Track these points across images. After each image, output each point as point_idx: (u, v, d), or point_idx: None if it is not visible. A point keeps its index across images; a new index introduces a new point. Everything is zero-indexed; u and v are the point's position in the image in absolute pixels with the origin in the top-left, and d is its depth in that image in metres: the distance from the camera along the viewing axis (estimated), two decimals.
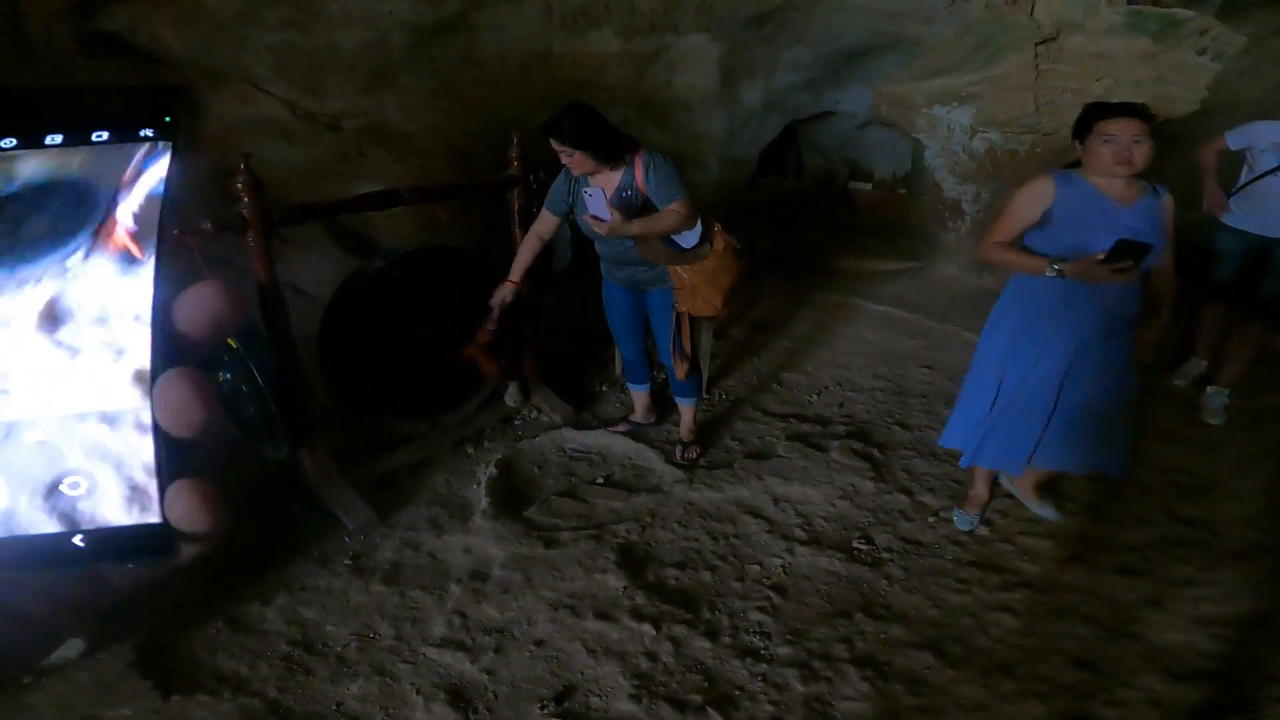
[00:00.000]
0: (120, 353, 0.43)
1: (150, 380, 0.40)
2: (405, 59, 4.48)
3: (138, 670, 2.07)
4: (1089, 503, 2.89)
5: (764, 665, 2.16)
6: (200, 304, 0.42)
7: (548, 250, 3.07)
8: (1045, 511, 2.75)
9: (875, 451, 3.22)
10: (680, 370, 2.97)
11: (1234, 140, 3.47)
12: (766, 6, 4.59)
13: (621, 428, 3.40)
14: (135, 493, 0.40)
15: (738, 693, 2.07)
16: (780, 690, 2.08)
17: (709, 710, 2.01)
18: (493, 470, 3.04)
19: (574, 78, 4.83)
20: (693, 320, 2.92)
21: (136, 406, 0.41)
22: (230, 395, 2.66)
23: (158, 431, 0.40)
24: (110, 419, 0.42)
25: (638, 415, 3.42)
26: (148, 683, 2.04)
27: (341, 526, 2.72)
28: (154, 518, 0.40)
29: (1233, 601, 2.37)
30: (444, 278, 3.11)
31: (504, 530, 2.69)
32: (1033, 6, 4.26)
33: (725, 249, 2.72)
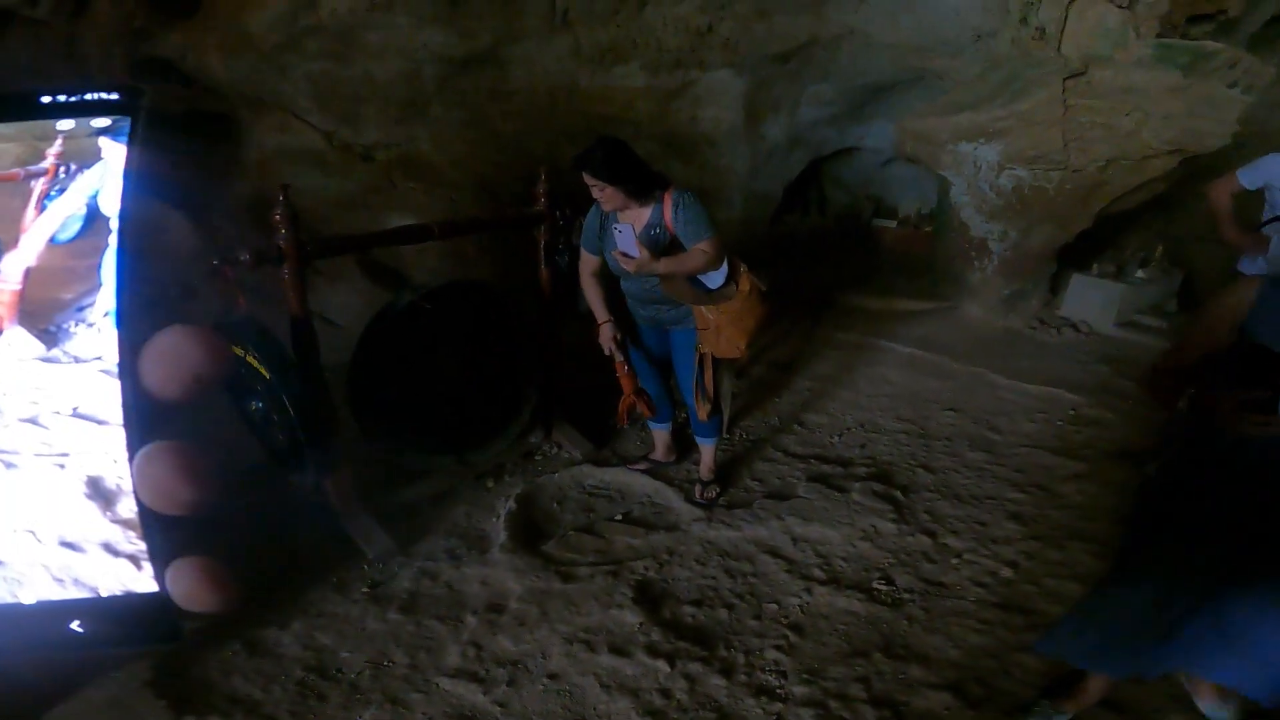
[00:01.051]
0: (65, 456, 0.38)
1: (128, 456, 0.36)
2: (437, 91, 4.60)
3: (152, 690, 2.09)
4: (1117, 545, 2.82)
5: (779, 704, 2.12)
6: (170, 357, 0.36)
7: (573, 286, 3.10)
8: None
9: (897, 493, 3.18)
10: (702, 411, 2.96)
11: (1248, 177, 3.12)
12: (791, 43, 4.65)
13: (641, 466, 3.39)
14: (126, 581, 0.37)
15: None
16: None
17: None
18: (512, 504, 3.04)
19: (601, 112, 4.92)
20: (715, 361, 2.91)
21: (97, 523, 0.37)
22: (262, 423, 2.71)
23: (144, 510, 0.37)
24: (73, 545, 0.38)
25: (658, 454, 3.41)
26: (162, 702, 2.05)
27: (361, 555, 2.74)
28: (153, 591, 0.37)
29: None
30: (472, 312, 3.15)
31: (521, 564, 2.69)
32: (1060, 41, 4.27)
33: (751, 290, 2.72)
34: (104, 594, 0.40)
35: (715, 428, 3.11)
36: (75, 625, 0.39)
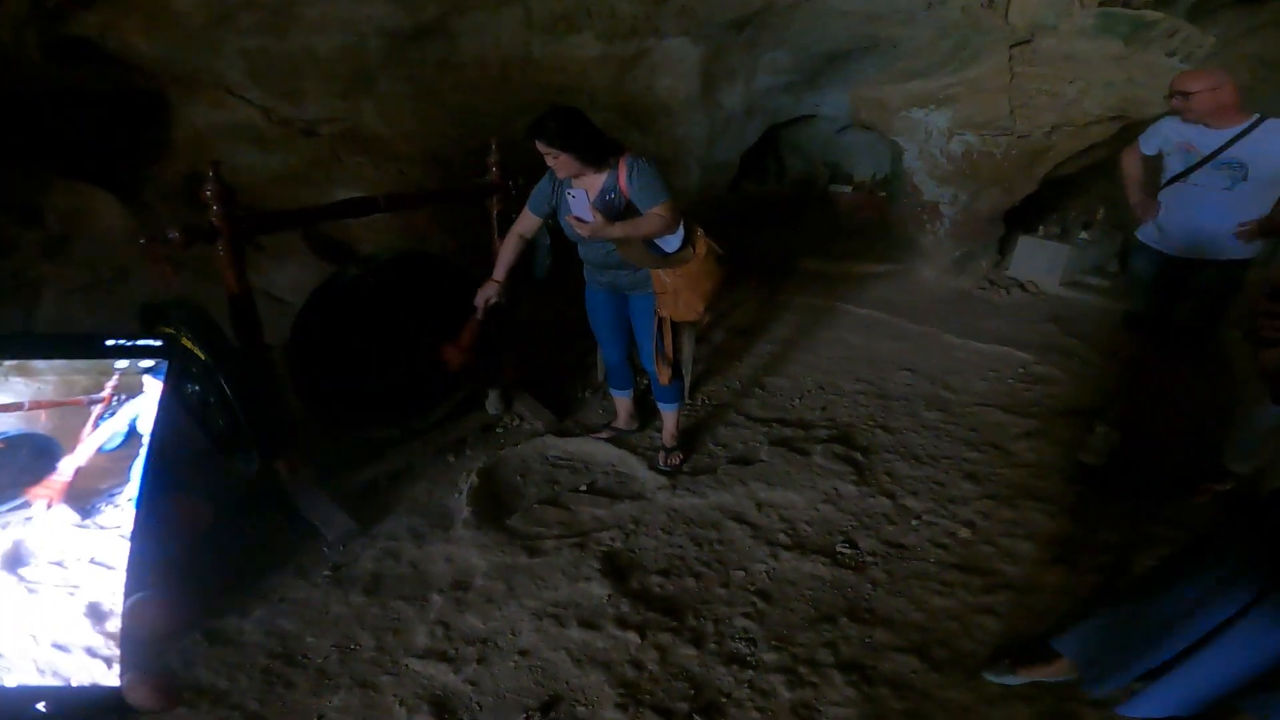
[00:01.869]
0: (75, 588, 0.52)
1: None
2: (383, 64, 4.44)
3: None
4: (1070, 504, 2.91)
5: (750, 672, 2.15)
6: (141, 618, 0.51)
7: (528, 258, 3.05)
8: None
9: (858, 455, 3.23)
10: (663, 375, 2.96)
11: (1146, 143, 3.09)
12: (747, 10, 4.60)
13: (604, 434, 3.38)
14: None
15: (724, 700, 2.06)
16: (767, 697, 2.07)
17: (695, 718, 1.99)
18: (474, 479, 3.01)
19: (555, 82, 4.81)
20: (675, 325, 2.91)
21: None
22: (199, 407, 2.61)
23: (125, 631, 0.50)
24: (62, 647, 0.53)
25: (620, 421, 3.40)
26: None
27: (320, 537, 2.68)
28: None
29: None
30: (420, 284, 3.08)
31: (486, 539, 2.66)
32: (1007, 9, 4.31)
33: (707, 253, 2.71)
34: (73, 684, 0.54)
35: (677, 393, 3.11)
36: (40, 706, 0.49)
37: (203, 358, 2.41)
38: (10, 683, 0.46)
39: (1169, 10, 4.21)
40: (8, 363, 0.58)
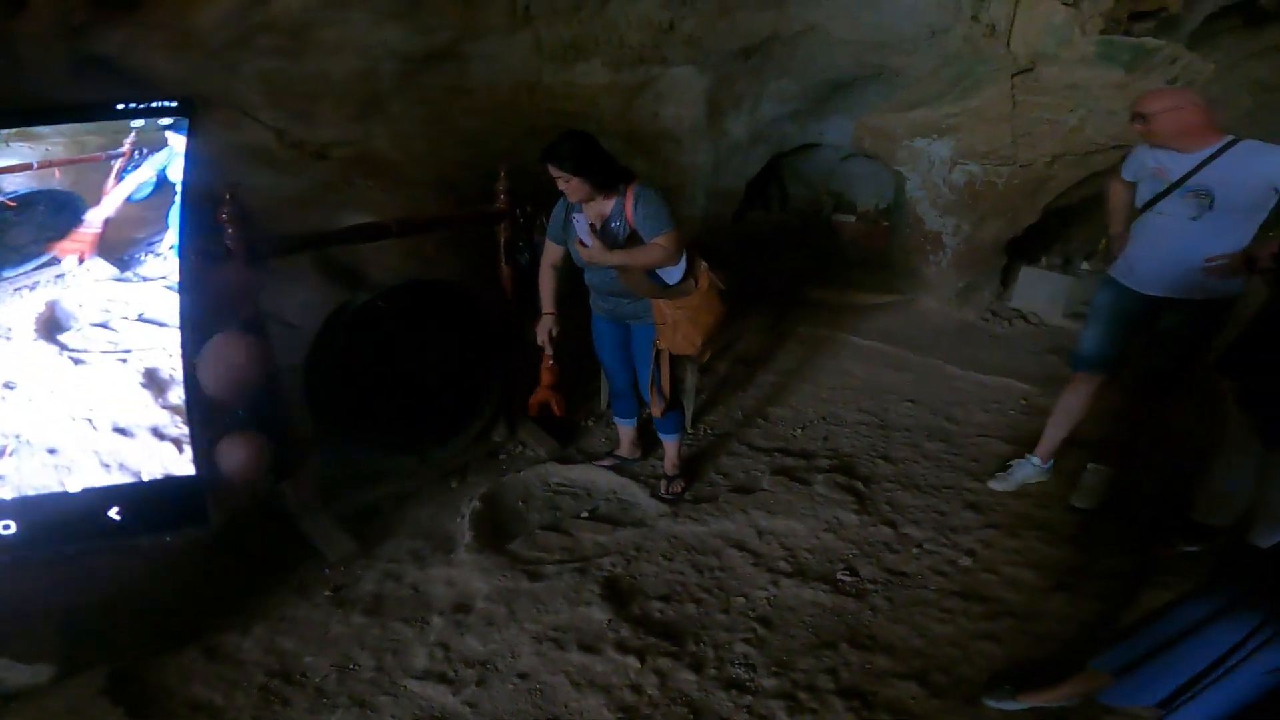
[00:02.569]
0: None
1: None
2: (395, 88, 4.52)
3: (109, 697, 2.04)
4: (1071, 533, 2.91)
5: (749, 697, 2.15)
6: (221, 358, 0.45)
7: (534, 285, 3.09)
8: None
9: (859, 485, 3.24)
10: (656, 408, 2.97)
11: (1126, 170, 2.87)
12: (753, 39, 4.68)
13: (607, 462, 3.39)
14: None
15: None
16: None
17: None
18: (477, 503, 3.02)
19: (563, 109, 4.88)
20: (675, 357, 2.92)
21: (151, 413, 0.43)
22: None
23: (197, 394, 0.43)
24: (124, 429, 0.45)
25: (623, 450, 3.42)
26: (119, 709, 2.00)
27: (322, 558, 2.69)
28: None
29: None
30: (432, 311, 3.11)
31: (487, 563, 2.67)
32: (1009, 38, 4.37)
33: (709, 288, 2.74)
34: (146, 478, 0.47)
35: (676, 423, 3.13)
36: (114, 513, 0.44)
37: None
38: (74, 486, 0.38)
39: (1170, 37, 4.25)
40: (4, 131, 0.51)
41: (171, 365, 0.45)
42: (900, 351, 4.75)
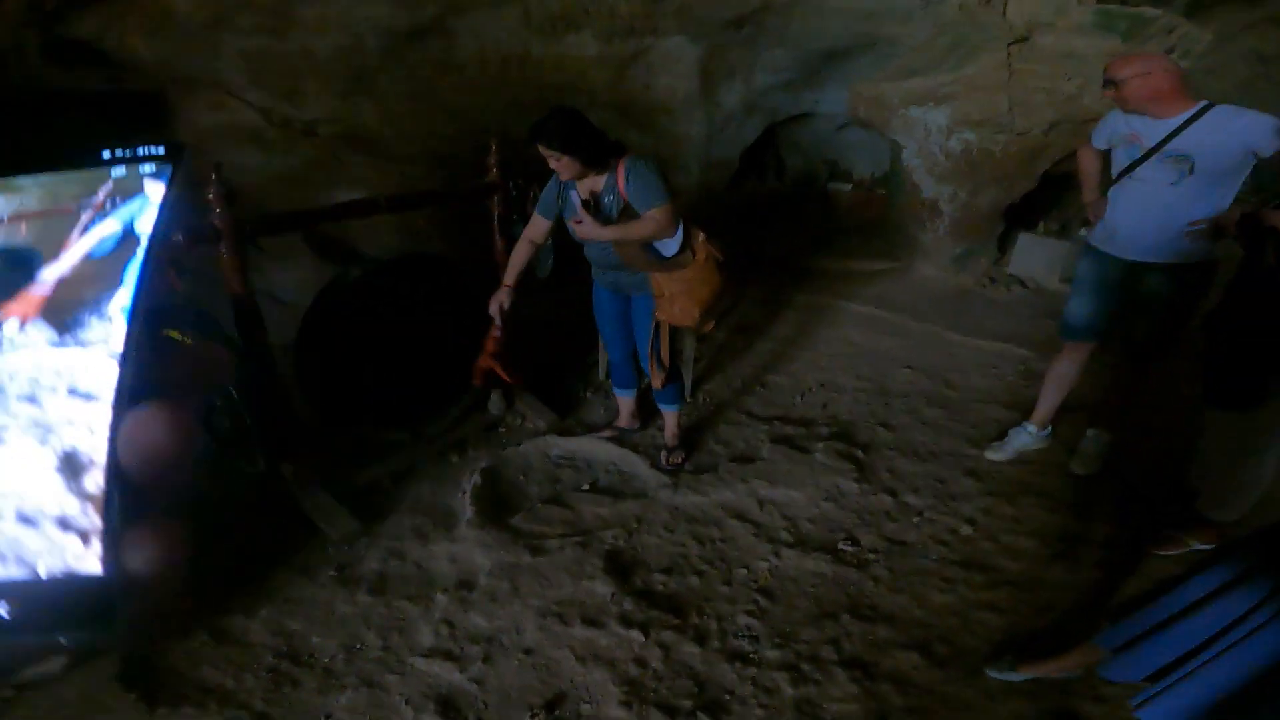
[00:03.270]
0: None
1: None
2: (382, 64, 4.45)
3: (121, 683, 2.04)
4: (1070, 500, 2.93)
5: (753, 669, 2.16)
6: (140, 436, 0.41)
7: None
8: None
9: (859, 452, 3.24)
10: (656, 380, 2.96)
11: (1097, 136, 2.86)
12: (745, 8, 4.60)
13: (607, 433, 3.39)
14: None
15: (728, 697, 2.07)
16: (770, 693, 2.08)
17: (699, 715, 2.01)
18: (477, 478, 3.02)
19: (553, 81, 4.82)
20: (674, 329, 2.91)
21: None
22: (205, 410, 2.63)
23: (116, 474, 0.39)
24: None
25: (623, 420, 3.41)
26: (132, 695, 2.01)
27: (325, 537, 2.70)
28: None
29: None
30: (423, 285, 3.09)
31: (490, 538, 2.68)
32: (1005, 6, 4.32)
33: (706, 260, 2.71)
34: (44, 574, 0.41)
35: (676, 394, 3.12)
36: (2, 610, 0.38)
37: None
38: None
39: (1167, 7, 4.22)
40: None
41: (93, 446, 0.40)
42: (898, 318, 4.75)
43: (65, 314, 0.44)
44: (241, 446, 2.71)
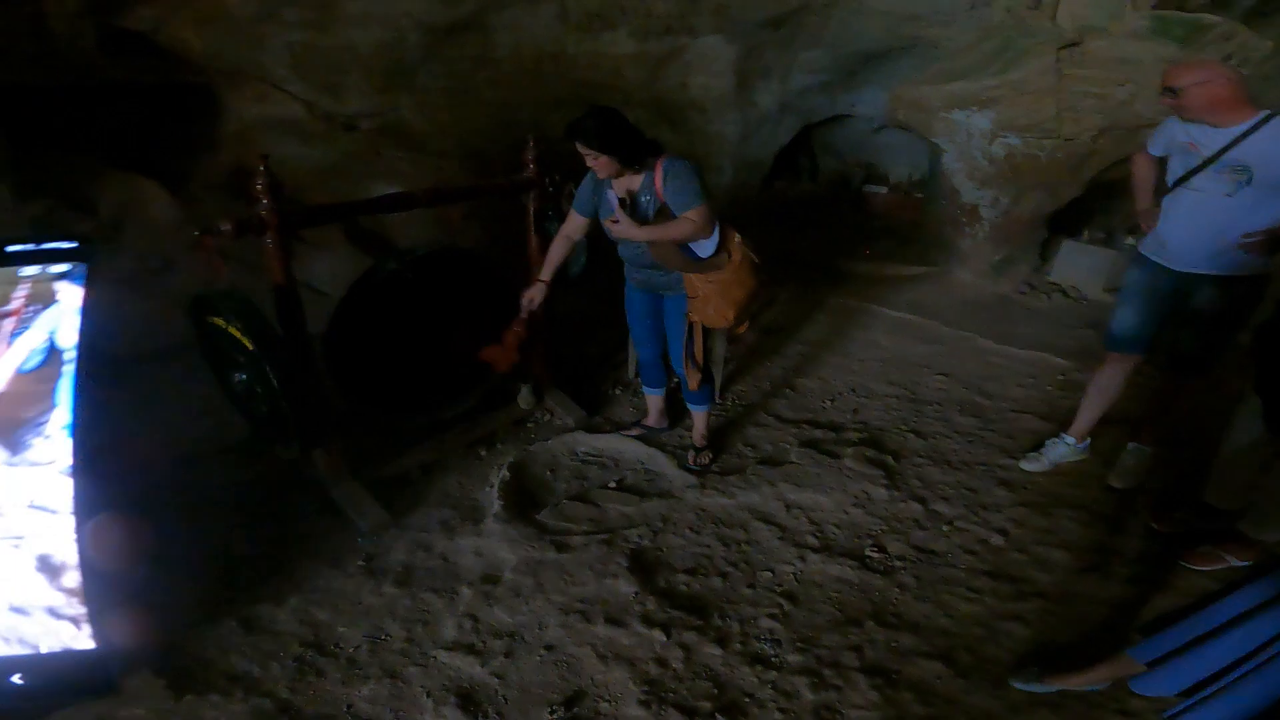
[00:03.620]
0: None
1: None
2: (421, 59, 4.50)
3: (151, 669, 2.07)
4: (1106, 513, 2.86)
5: (774, 673, 2.15)
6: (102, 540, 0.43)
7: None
8: None
9: (889, 459, 3.20)
10: (692, 380, 2.95)
11: (1153, 143, 2.80)
12: (783, 8, 4.57)
13: (634, 432, 3.39)
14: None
15: (747, 700, 2.06)
16: (790, 698, 2.06)
17: (718, 717, 2.00)
18: (505, 473, 3.04)
19: (588, 79, 4.83)
20: (706, 329, 2.89)
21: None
22: (245, 395, 2.68)
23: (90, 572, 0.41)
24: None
25: (651, 419, 3.41)
26: (161, 681, 2.04)
27: (354, 527, 2.73)
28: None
29: None
30: (458, 279, 3.11)
31: (515, 533, 2.69)
32: (1055, 11, 4.22)
33: (742, 262, 2.69)
34: (44, 650, 0.45)
35: (707, 395, 3.11)
36: (16, 679, 0.41)
37: (250, 347, 2.47)
38: None
39: (1226, 13, 4.09)
40: None
41: (66, 553, 0.41)
42: (932, 324, 4.68)
43: (9, 433, 0.45)
44: (279, 432, 2.75)
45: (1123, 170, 4.87)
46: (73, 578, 0.40)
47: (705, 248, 2.66)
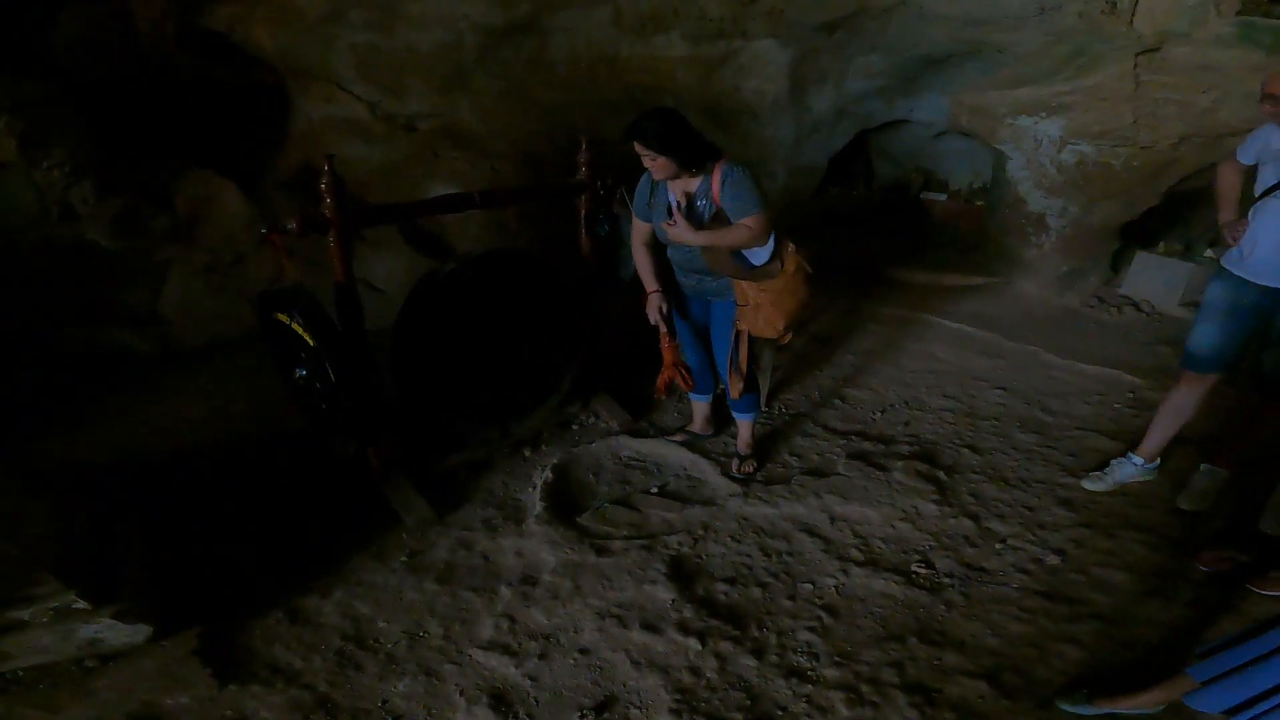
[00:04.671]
0: None
1: None
2: (478, 61, 4.58)
3: (199, 658, 2.14)
4: (1173, 537, 2.71)
5: (809, 686, 2.09)
6: None
7: (614, 256, 3.07)
8: None
9: (941, 474, 3.10)
10: (734, 389, 2.90)
11: (1244, 151, 2.69)
12: (839, 12, 4.49)
13: (679, 437, 3.37)
14: None
15: (780, 713, 2.01)
16: (824, 713, 2.01)
17: None
18: (548, 474, 3.05)
19: (642, 82, 4.84)
20: (751, 338, 2.85)
21: None
22: (304, 390, 2.75)
23: None
24: None
25: (696, 426, 3.38)
26: (207, 671, 2.10)
27: (400, 522, 2.78)
28: None
29: None
30: (515, 281, 3.13)
31: (556, 535, 2.69)
32: (1132, 15, 4.04)
33: (796, 271, 2.64)
34: None
35: (752, 404, 3.06)
36: None
37: (311, 344, 2.54)
38: None
39: None
40: None
41: None
42: (992, 336, 4.53)
43: None
44: (335, 428, 2.82)
45: (1203, 180, 4.66)
46: None
47: (759, 255, 2.62)
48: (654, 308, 2.87)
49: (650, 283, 2.86)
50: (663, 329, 2.90)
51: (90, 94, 4.35)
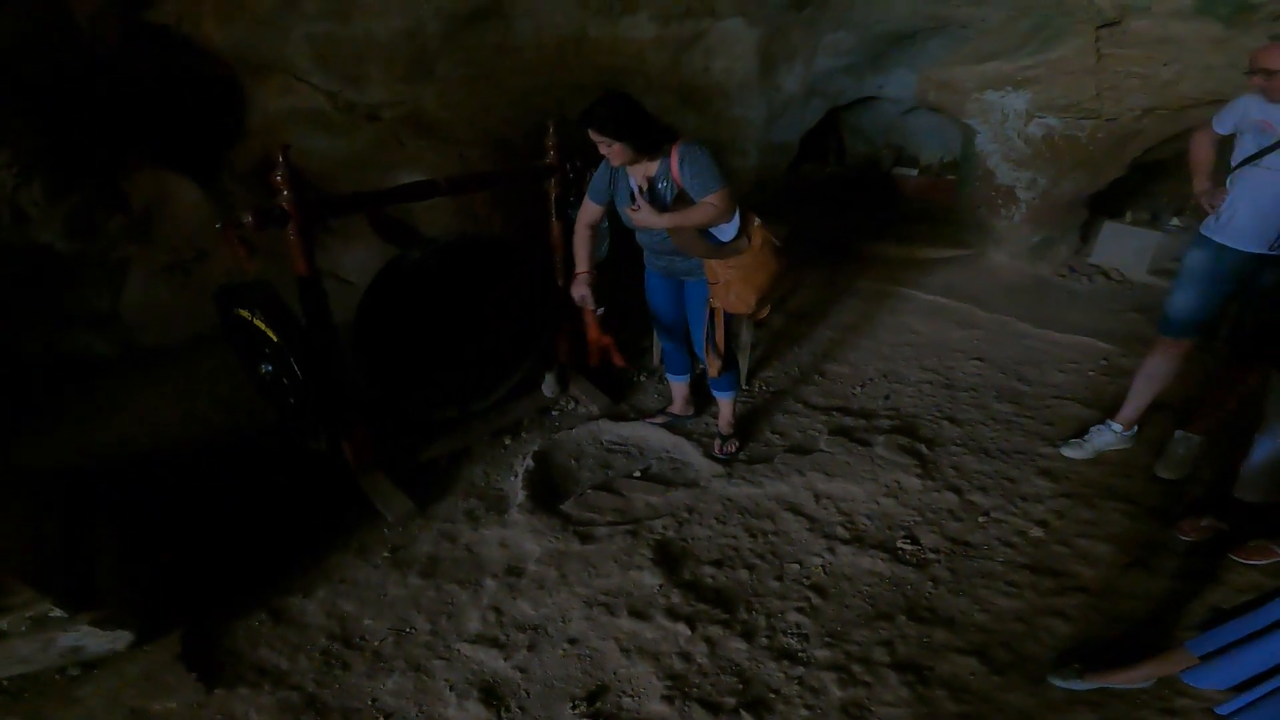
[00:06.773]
0: None
1: None
2: (442, 48, 4.47)
3: (184, 663, 2.09)
4: (1153, 505, 2.75)
5: (801, 668, 2.09)
6: None
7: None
8: None
9: (922, 447, 3.11)
10: (712, 367, 2.89)
11: (1221, 121, 2.73)
12: None
13: (660, 419, 3.34)
14: None
15: (773, 696, 2.01)
16: (817, 694, 2.01)
17: (743, 713, 1.95)
18: (530, 462, 3.01)
19: (610, 64, 4.77)
20: (729, 315, 2.83)
21: None
22: (272, 386, 2.68)
23: None
24: None
25: (676, 407, 3.36)
26: (193, 675, 2.05)
27: (380, 517, 2.73)
28: None
29: None
30: (482, 266, 3.09)
31: (540, 524, 2.66)
32: None
33: (763, 245, 2.62)
34: None
35: (731, 382, 3.05)
36: None
37: (275, 339, 2.47)
38: None
39: None
40: None
41: None
42: (966, 308, 4.56)
43: None
44: (305, 422, 2.76)
45: (1167, 150, 4.72)
46: None
47: (726, 232, 2.59)
48: (580, 286, 2.88)
49: (581, 264, 2.87)
50: (588, 305, 2.91)
51: (37, 94, 4.18)
